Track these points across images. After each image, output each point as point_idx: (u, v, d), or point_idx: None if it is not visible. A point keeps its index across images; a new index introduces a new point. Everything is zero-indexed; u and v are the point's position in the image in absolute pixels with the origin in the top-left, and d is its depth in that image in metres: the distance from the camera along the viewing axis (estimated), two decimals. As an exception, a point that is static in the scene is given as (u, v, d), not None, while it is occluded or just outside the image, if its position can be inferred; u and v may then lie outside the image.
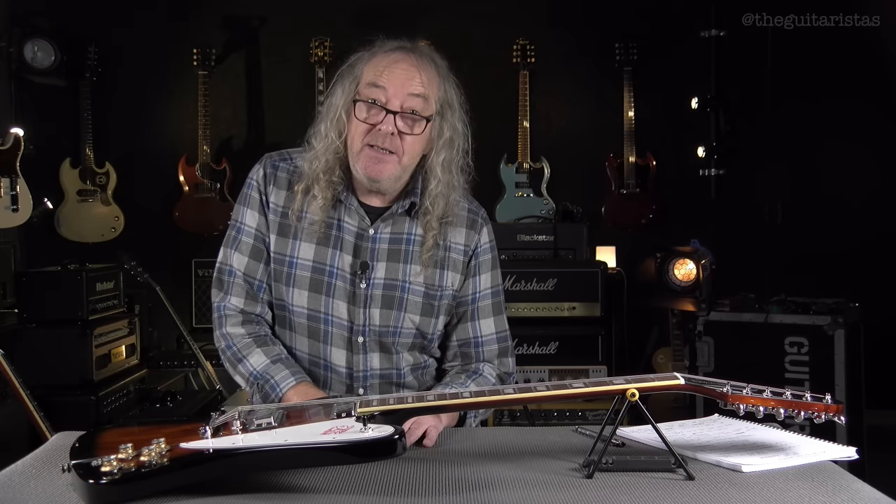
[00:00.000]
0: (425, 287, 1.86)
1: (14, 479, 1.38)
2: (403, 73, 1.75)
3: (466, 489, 1.31)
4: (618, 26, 5.13)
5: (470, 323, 1.92)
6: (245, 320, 1.87)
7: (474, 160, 1.89)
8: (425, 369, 1.94)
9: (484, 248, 1.93)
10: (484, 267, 1.93)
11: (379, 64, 1.77)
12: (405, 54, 1.78)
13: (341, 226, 1.85)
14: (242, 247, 1.87)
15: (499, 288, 1.96)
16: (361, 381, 1.85)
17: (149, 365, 4.25)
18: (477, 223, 1.92)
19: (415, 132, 1.76)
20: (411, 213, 1.86)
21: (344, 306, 1.83)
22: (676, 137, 5.14)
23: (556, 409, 3.79)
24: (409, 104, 1.75)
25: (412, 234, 1.86)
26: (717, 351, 4.06)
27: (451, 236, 1.88)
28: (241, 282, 1.87)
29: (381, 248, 1.84)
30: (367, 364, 1.85)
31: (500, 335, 1.95)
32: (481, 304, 1.92)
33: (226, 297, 1.88)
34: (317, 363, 1.86)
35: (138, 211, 5.06)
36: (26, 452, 1.53)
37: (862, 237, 4.89)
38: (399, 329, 1.85)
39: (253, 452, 1.28)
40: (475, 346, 1.93)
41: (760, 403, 1.36)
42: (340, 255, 1.83)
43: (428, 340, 1.90)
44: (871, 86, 4.93)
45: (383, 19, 4.92)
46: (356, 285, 1.83)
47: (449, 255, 1.88)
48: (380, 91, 1.75)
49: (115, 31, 5.08)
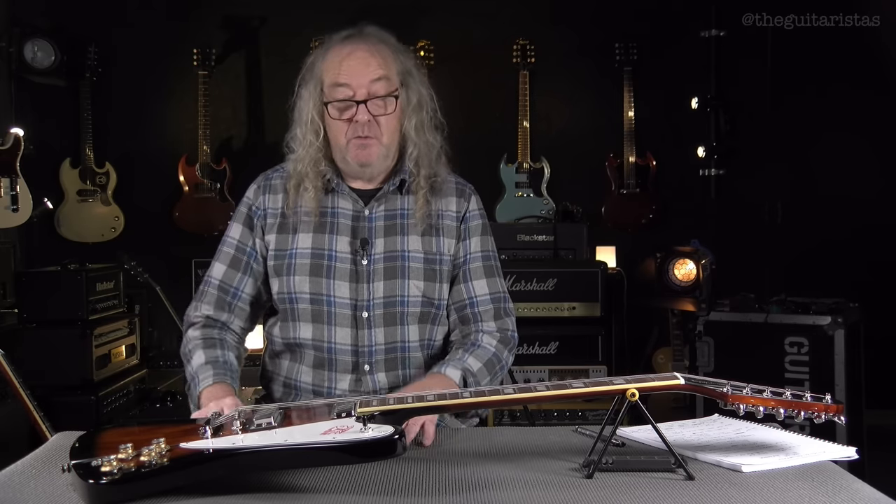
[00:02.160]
0: (424, 253, 1.91)
1: (14, 479, 1.38)
2: (360, 62, 1.83)
3: (466, 489, 1.31)
4: (618, 26, 5.12)
5: (463, 284, 1.96)
6: (206, 325, 1.93)
7: (474, 160, 1.91)
8: (433, 345, 1.96)
9: (473, 214, 1.99)
10: (474, 231, 1.98)
11: (334, 60, 1.85)
12: (355, 43, 1.87)
13: (336, 211, 1.92)
14: (223, 257, 1.95)
15: (489, 253, 1.99)
16: (367, 356, 1.87)
17: (149, 365, 4.26)
18: (465, 192, 2.00)
19: (388, 111, 1.85)
20: (402, 189, 1.93)
21: (346, 286, 1.87)
22: (676, 137, 5.13)
23: (556, 409, 3.79)
24: (374, 89, 1.83)
25: (405, 209, 1.93)
26: (717, 351, 4.06)
27: (442, 204, 1.95)
28: (214, 290, 1.94)
29: (377, 225, 1.91)
30: (372, 339, 1.87)
31: (494, 295, 1.97)
32: (472, 265, 1.96)
33: (198, 306, 1.95)
34: (321, 347, 1.88)
35: (138, 211, 5.05)
36: (26, 452, 1.53)
37: (862, 237, 4.89)
38: (406, 298, 1.88)
39: (253, 452, 1.28)
40: (470, 307, 1.95)
41: (760, 403, 1.36)
42: (338, 238, 1.90)
43: (436, 307, 1.93)
44: (872, 86, 4.92)
45: (383, 19, 4.80)
46: (357, 263, 1.88)
47: (442, 221, 1.95)
48: (344, 88, 1.83)
49: (115, 31, 5.07)
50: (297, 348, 1.91)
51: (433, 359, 1.95)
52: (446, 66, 5.03)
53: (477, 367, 1.86)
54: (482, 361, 1.88)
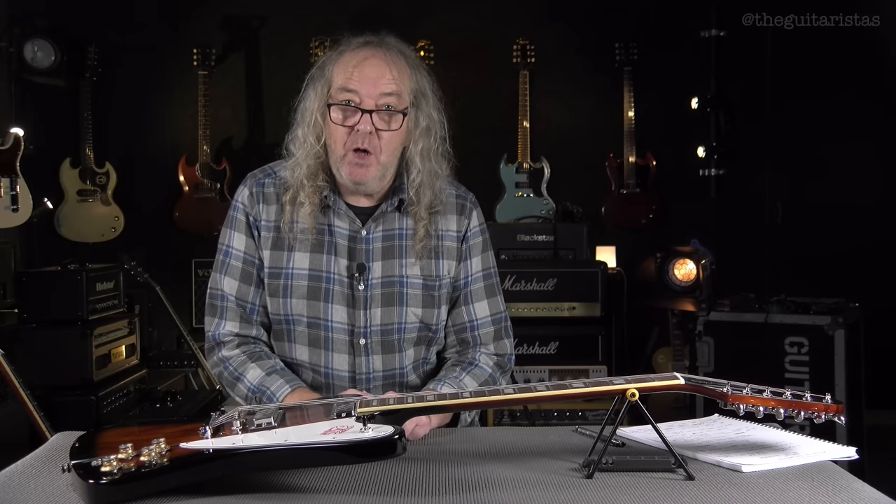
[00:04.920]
0: (423, 279, 1.86)
1: (14, 479, 1.38)
2: (373, 70, 1.74)
3: (466, 489, 1.31)
4: (618, 26, 5.12)
5: (464, 307, 1.92)
6: (240, 342, 1.87)
7: (474, 160, 1.89)
8: (427, 365, 1.93)
9: (474, 232, 1.92)
10: (475, 250, 1.92)
11: (348, 64, 1.76)
12: (372, 51, 1.77)
13: (333, 230, 1.84)
14: (232, 271, 1.86)
15: (490, 270, 1.95)
16: (364, 384, 1.84)
17: (149, 365, 4.25)
18: (466, 208, 1.92)
19: (392, 128, 1.76)
20: (401, 209, 1.86)
21: (343, 310, 1.82)
22: (676, 137, 5.13)
23: (556, 409, 3.79)
24: (382, 101, 1.74)
25: (404, 229, 1.86)
26: (717, 351, 4.06)
27: (442, 224, 1.88)
28: (234, 306, 1.86)
29: (374, 247, 1.84)
30: (370, 366, 1.84)
31: (494, 317, 1.94)
32: (473, 287, 1.92)
33: (221, 323, 1.86)
34: (318, 371, 1.85)
35: (138, 211, 5.06)
36: (26, 452, 1.53)
37: (862, 237, 4.89)
38: (403, 325, 1.84)
39: (253, 452, 1.28)
40: (471, 330, 1.92)
41: (760, 403, 1.36)
42: (336, 259, 1.83)
43: (433, 332, 1.89)
44: (872, 86, 4.93)
45: (383, 19, 4.86)
46: (354, 288, 1.82)
47: (442, 243, 1.88)
48: (352, 93, 1.74)
49: (115, 31, 5.08)
50: (294, 367, 1.87)
51: (428, 375, 1.92)
52: (446, 66, 5.03)
53: (473, 388, 1.82)
54: (478, 382, 1.86)
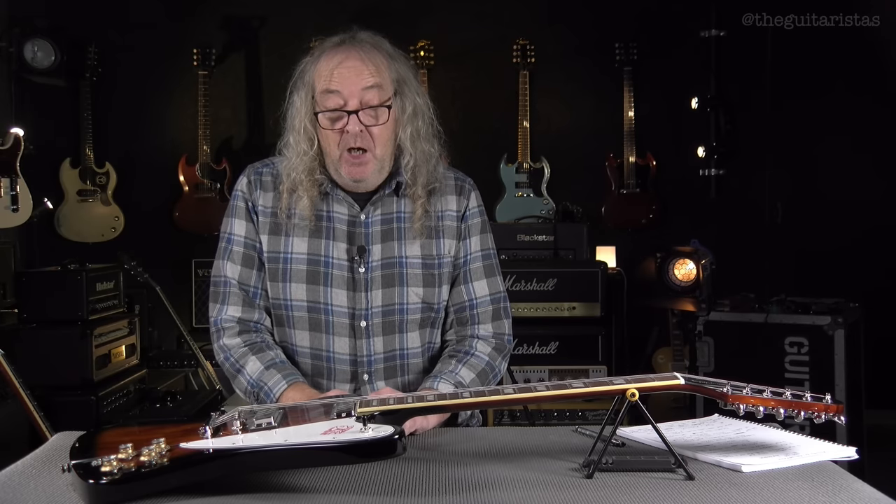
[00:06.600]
0: (423, 258, 1.88)
1: (14, 479, 1.38)
2: (351, 70, 1.77)
3: (466, 489, 1.31)
4: (618, 26, 5.13)
5: (463, 286, 1.93)
6: (242, 329, 1.88)
7: (474, 160, 1.89)
8: (432, 348, 1.94)
9: (473, 212, 1.95)
10: (473, 230, 1.94)
11: (326, 68, 1.78)
12: (347, 50, 1.79)
13: (332, 216, 1.87)
14: (234, 256, 1.89)
15: (490, 251, 1.97)
16: (365, 366, 1.85)
17: (149, 365, 4.25)
18: (465, 189, 1.95)
19: (381, 122, 1.79)
20: (398, 192, 1.88)
21: (343, 294, 1.84)
22: (676, 137, 5.14)
23: (556, 409, 3.79)
24: (366, 98, 1.77)
25: (402, 212, 1.89)
26: (717, 351, 4.06)
27: (441, 205, 1.91)
28: (236, 290, 1.88)
29: (374, 231, 1.86)
30: (370, 349, 1.85)
31: (493, 296, 1.95)
32: (472, 266, 1.94)
33: (223, 308, 1.89)
34: (319, 356, 1.86)
35: (138, 211, 5.06)
36: (26, 452, 1.53)
37: (862, 237, 4.89)
38: (405, 305, 1.86)
39: (253, 452, 1.28)
40: (470, 309, 1.93)
41: (760, 403, 1.36)
42: (334, 244, 1.85)
43: (436, 311, 1.91)
44: (872, 86, 4.93)
45: (383, 19, 4.90)
46: (355, 271, 1.84)
47: (442, 223, 1.91)
48: (335, 96, 1.77)
49: (115, 31, 5.08)
50: (293, 354, 1.89)
51: (433, 360, 1.94)
52: (446, 66, 5.04)
53: (470, 379, 1.84)
54: (475, 372, 1.87)
